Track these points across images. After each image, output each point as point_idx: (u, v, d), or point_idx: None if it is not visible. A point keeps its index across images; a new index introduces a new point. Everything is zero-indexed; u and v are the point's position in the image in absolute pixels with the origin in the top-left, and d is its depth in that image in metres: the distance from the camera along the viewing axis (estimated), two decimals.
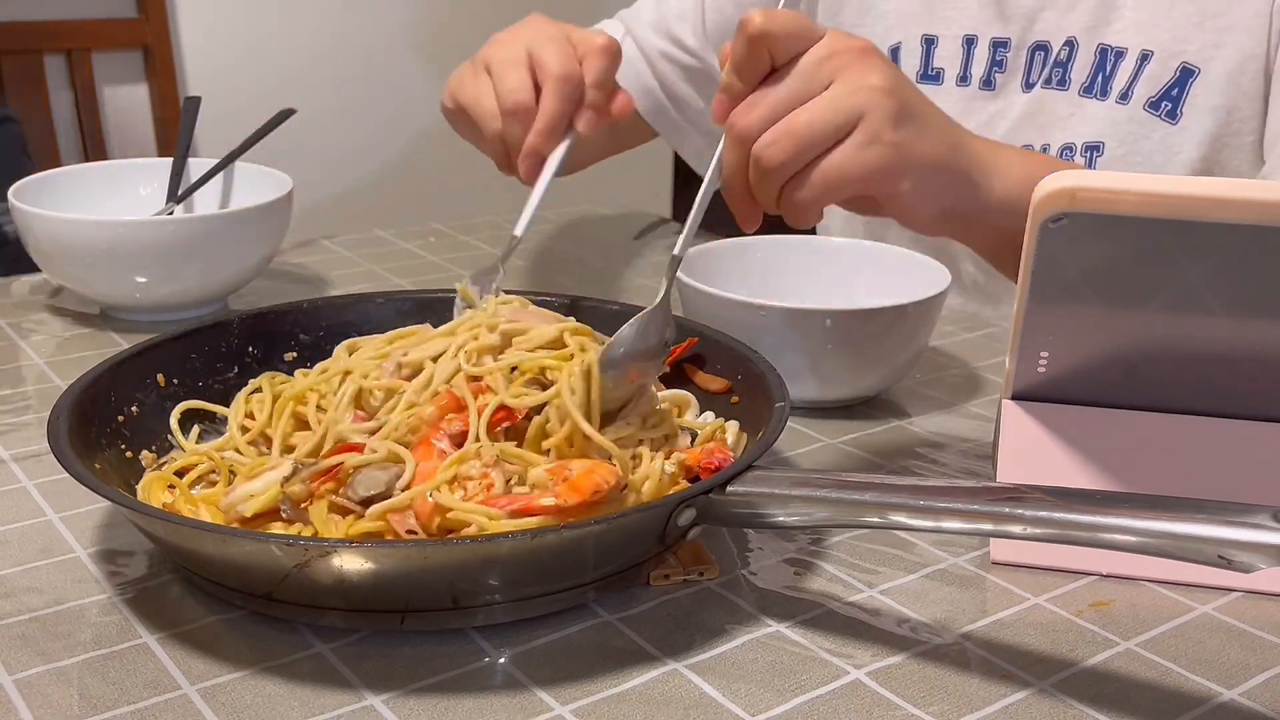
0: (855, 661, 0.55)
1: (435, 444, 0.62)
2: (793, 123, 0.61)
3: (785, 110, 0.61)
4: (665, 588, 0.60)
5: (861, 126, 0.62)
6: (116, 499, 0.56)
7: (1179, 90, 0.90)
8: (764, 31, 0.60)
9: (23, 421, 0.78)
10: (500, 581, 0.55)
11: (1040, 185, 0.56)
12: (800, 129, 0.61)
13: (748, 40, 0.60)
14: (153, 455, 0.68)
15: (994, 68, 0.99)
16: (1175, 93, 0.90)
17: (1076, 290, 0.60)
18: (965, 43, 0.99)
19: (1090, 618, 0.59)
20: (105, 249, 0.91)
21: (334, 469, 0.60)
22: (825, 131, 0.61)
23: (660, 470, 0.62)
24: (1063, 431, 0.65)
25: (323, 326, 0.77)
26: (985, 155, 0.69)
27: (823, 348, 0.77)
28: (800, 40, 0.61)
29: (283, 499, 0.59)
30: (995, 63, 0.99)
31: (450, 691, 0.53)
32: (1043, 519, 0.51)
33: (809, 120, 0.61)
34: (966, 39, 0.99)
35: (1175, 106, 0.90)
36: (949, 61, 1.00)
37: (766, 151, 0.61)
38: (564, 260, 1.15)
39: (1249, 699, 0.53)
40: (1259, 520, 0.47)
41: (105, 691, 0.53)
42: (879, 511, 0.55)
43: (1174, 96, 0.90)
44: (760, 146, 0.61)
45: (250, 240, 0.96)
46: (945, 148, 0.66)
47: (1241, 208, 0.53)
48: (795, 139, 0.61)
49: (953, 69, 1.00)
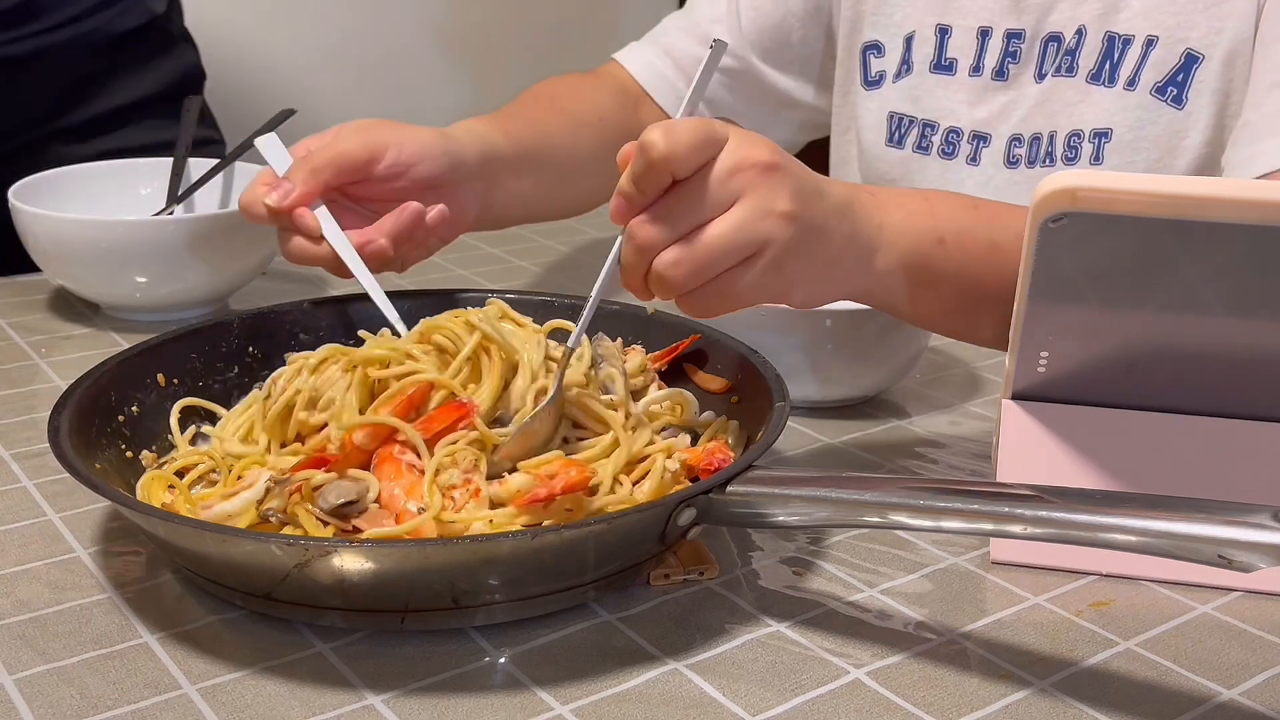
0: (855, 661, 0.55)
1: (399, 458, 0.61)
2: (696, 247, 0.60)
3: (687, 228, 0.61)
4: (665, 587, 0.60)
5: (766, 254, 0.61)
6: (116, 499, 0.56)
7: (1184, 76, 0.90)
8: (666, 156, 0.59)
9: (23, 421, 0.78)
10: (500, 581, 0.55)
11: (1041, 185, 0.56)
12: (702, 255, 0.60)
13: (648, 164, 0.59)
14: (153, 455, 0.68)
15: (1007, 59, 0.99)
16: (1180, 78, 0.91)
17: (1076, 290, 0.60)
18: (980, 34, 0.99)
19: (1090, 617, 0.59)
20: (106, 249, 0.91)
21: (300, 486, 0.60)
22: (729, 258, 0.61)
23: (661, 470, 0.62)
24: (1063, 431, 0.65)
25: (322, 326, 0.77)
26: (874, 233, 0.68)
27: (822, 348, 0.77)
28: (704, 153, 0.60)
29: (267, 510, 0.59)
30: (1009, 54, 0.99)
31: (450, 691, 0.53)
32: (1042, 518, 0.51)
33: (711, 245, 0.60)
34: (981, 30, 0.99)
35: (1181, 92, 0.91)
36: (962, 52, 1.01)
37: (668, 271, 0.61)
38: (564, 260, 1.15)
39: (1249, 699, 0.53)
40: (1259, 520, 0.47)
41: (105, 691, 0.53)
42: (879, 511, 0.55)
43: (1179, 82, 0.91)
44: (661, 265, 0.61)
45: (251, 240, 0.96)
46: (840, 250, 0.66)
47: (1241, 208, 0.53)
48: (697, 263, 0.60)
49: (966, 59, 1.00)
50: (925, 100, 1.02)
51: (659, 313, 0.76)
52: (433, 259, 1.14)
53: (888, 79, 1.04)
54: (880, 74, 1.04)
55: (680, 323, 0.74)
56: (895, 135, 1.04)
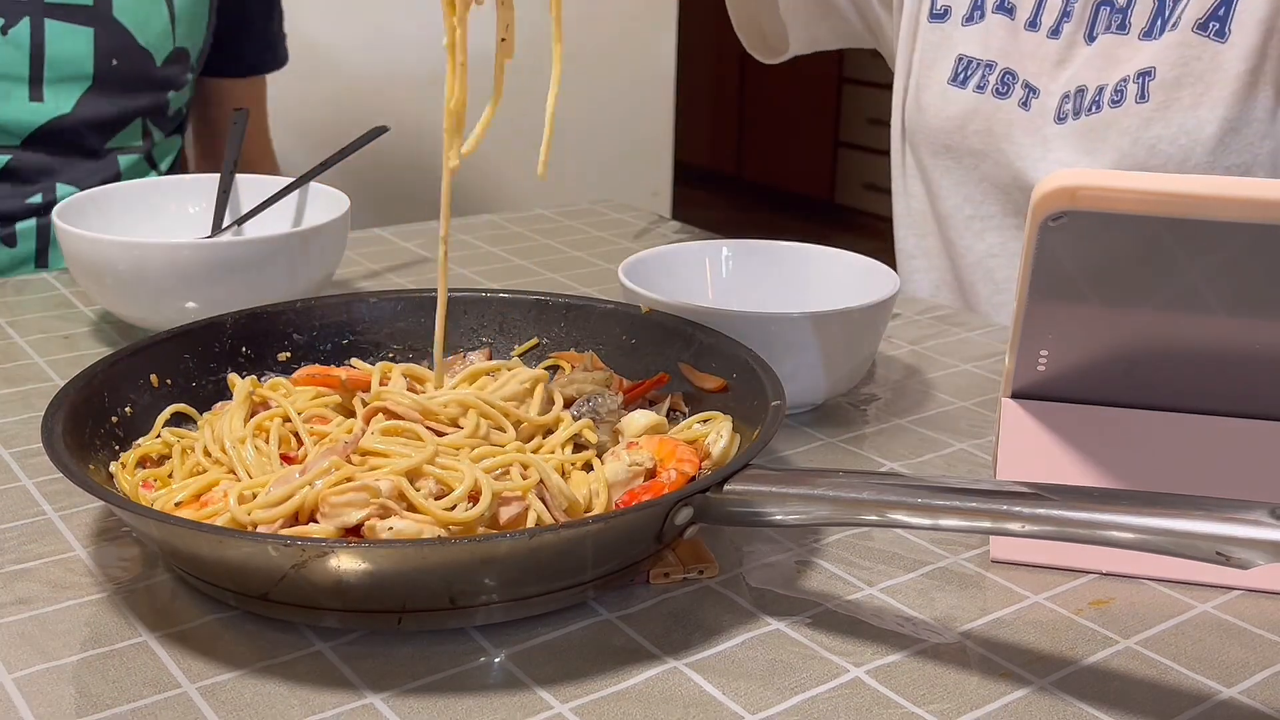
0: (855, 660, 0.55)
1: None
2: None
3: None
4: (665, 586, 0.60)
5: None
6: (111, 500, 0.56)
7: (1226, 9, 0.94)
8: None
9: (23, 421, 0.78)
10: (498, 581, 0.55)
11: (1040, 184, 0.56)
12: None
13: None
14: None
15: (1063, 18, 1.05)
16: (1223, 11, 0.95)
17: (1076, 289, 0.60)
18: None
19: (1090, 616, 0.59)
20: (160, 273, 0.85)
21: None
22: None
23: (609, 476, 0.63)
24: (1062, 430, 0.65)
25: (316, 326, 0.77)
26: None
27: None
28: None
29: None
30: (1065, 13, 1.05)
31: (450, 690, 0.53)
32: (1041, 516, 0.51)
33: None
34: None
35: (1223, 25, 0.95)
36: (1022, 6, 1.07)
37: None
38: (564, 260, 1.15)
39: (1248, 697, 0.53)
40: (1256, 517, 0.47)
41: (105, 690, 0.53)
42: (878, 510, 0.55)
43: (1221, 16, 0.95)
44: None
45: (309, 261, 0.90)
46: None
47: (1241, 207, 0.53)
48: None
49: (1024, 12, 1.07)
50: (989, 43, 1.08)
51: (654, 312, 0.76)
52: (432, 258, 1.15)
53: (954, 17, 1.10)
54: (945, 8, 1.11)
55: (676, 323, 0.74)
56: (960, 77, 1.10)
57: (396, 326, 0.78)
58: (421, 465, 0.59)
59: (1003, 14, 1.08)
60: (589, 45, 2.19)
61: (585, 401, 0.68)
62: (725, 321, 0.74)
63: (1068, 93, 1.03)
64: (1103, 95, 1.00)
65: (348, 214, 0.94)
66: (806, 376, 0.77)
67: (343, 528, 0.56)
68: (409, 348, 0.78)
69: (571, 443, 0.66)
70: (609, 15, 2.25)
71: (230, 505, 0.58)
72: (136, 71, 1.27)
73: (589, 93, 2.22)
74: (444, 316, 0.69)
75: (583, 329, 0.77)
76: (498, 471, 0.60)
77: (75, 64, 1.22)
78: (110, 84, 1.25)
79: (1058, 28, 1.04)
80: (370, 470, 0.59)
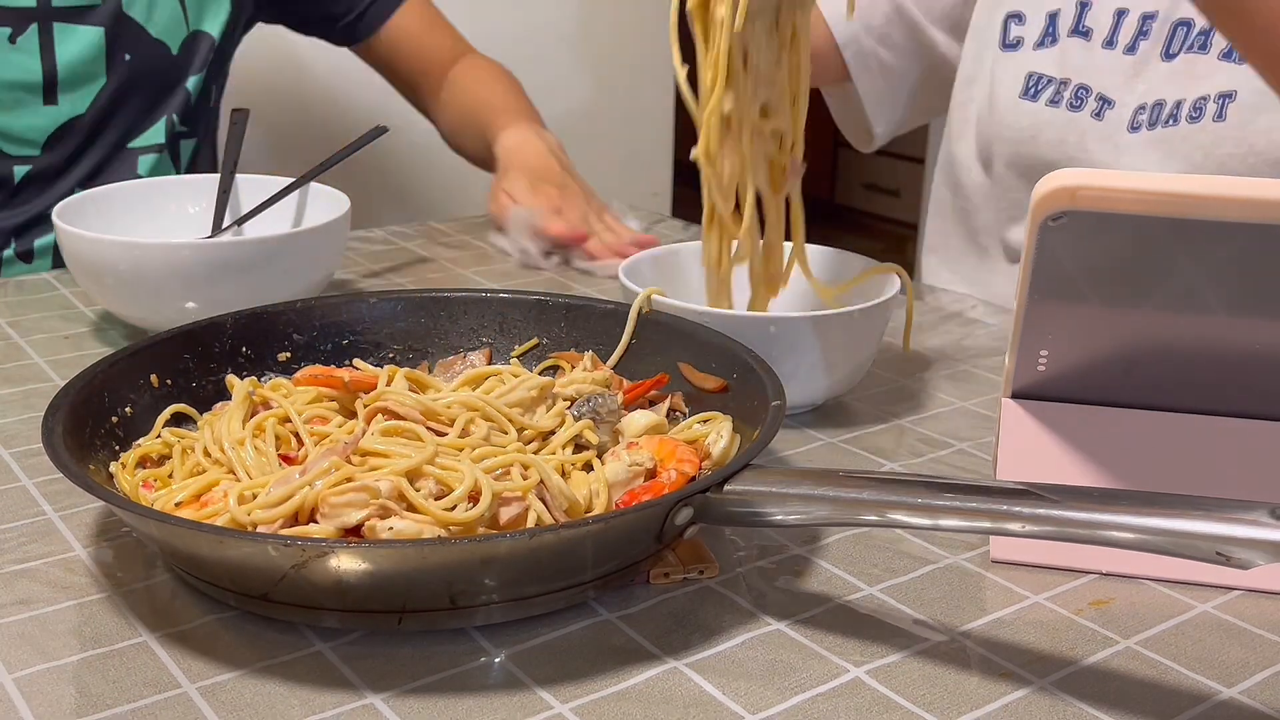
0: (855, 660, 0.55)
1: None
2: None
3: None
4: (665, 586, 0.60)
5: None
6: (112, 500, 0.56)
7: None
8: None
9: (23, 421, 0.78)
10: (498, 581, 0.55)
11: (1040, 184, 0.56)
12: None
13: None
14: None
15: (1140, 37, 1.06)
16: None
17: (1076, 289, 0.60)
18: (1116, 13, 1.08)
19: (1090, 616, 0.59)
20: (160, 273, 0.85)
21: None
22: None
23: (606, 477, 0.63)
24: (1062, 430, 0.65)
25: (316, 326, 0.77)
26: None
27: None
28: None
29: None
30: (1141, 33, 1.06)
31: (450, 690, 0.53)
32: (1041, 516, 0.51)
33: None
34: (1118, 10, 1.08)
35: None
36: (1099, 25, 1.09)
37: None
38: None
39: (1248, 697, 0.53)
40: (1256, 517, 0.47)
41: (105, 690, 0.53)
42: (878, 510, 0.55)
43: None
44: None
45: (309, 261, 0.90)
46: None
47: (1241, 207, 0.53)
48: None
49: (1100, 33, 1.08)
50: (1064, 62, 1.09)
51: (653, 311, 0.76)
52: (432, 258, 1.15)
53: (1026, 45, 1.12)
54: (1018, 39, 1.13)
55: (673, 322, 0.74)
56: (1031, 91, 1.11)
57: (396, 326, 0.78)
58: (421, 465, 0.59)
59: (1078, 37, 1.09)
60: (589, 45, 2.19)
61: (585, 402, 0.68)
62: (725, 322, 0.74)
63: (1144, 104, 1.03)
64: (1180, 110, 1.01)
65: (348, 214, 0.94)
66: (806, 377, 0.77)
67: (343, 528, 0.56)
68: (409, 348, 0.78)
69: (572, 443, 0.66)
70: (609, 15, 2.25)
71: (230, 505, 0.58)
72: (151, 64, 1.25)
73: (589, 93, 2.22)
74: None
75: (583, 329, 0.77)
76: (498, 472, 0.60)
77: (88, 65, 1.21)
78: (125, 80, 1.24)
79: (1134, 45, 1.05)
80: (370, 470, 0.59)
